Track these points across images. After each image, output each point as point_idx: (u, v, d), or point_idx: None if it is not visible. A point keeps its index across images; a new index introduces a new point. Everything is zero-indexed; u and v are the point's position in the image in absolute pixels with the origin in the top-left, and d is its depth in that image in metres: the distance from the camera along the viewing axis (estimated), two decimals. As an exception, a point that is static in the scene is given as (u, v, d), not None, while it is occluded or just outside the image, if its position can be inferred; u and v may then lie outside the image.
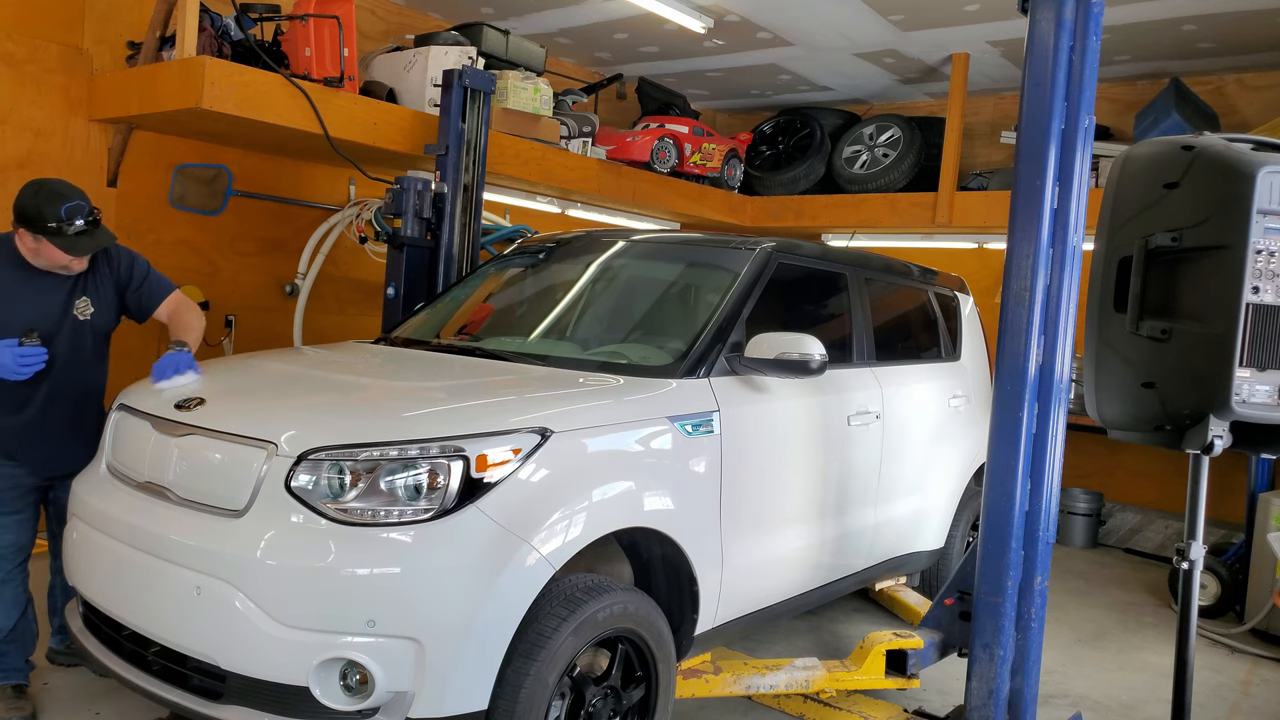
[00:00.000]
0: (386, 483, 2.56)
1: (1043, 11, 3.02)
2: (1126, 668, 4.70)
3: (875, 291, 4.40)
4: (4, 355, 3.04)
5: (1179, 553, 2.99)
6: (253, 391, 3.14)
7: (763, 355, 3.31)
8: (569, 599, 2.70)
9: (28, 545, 3.37)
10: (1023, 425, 3.05)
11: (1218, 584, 5.52)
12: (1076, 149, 3.01)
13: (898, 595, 4.83)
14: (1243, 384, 2.69)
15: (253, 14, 5.04)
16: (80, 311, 3.29)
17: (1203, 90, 7.08)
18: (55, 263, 3.17)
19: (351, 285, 6.53)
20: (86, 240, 3.13)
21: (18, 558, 3.32)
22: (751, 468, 3.39)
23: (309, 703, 2.47)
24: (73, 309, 3.27)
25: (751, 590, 3.48)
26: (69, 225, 3.07)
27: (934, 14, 6.23)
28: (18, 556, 3.32)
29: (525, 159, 6.15)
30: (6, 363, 3.05)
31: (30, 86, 5.01)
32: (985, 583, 3.15)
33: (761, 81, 8.17)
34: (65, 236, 3.09)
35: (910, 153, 7.75)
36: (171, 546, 2.63)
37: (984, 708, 3.16)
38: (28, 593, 3.40)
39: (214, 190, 5.14)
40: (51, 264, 3.18)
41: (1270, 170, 2.67)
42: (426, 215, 5.12)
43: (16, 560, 3.32)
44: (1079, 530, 7.22)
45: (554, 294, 4.17)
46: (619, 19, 6.70)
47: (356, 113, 5.24)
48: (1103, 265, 2.97)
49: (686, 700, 3.63)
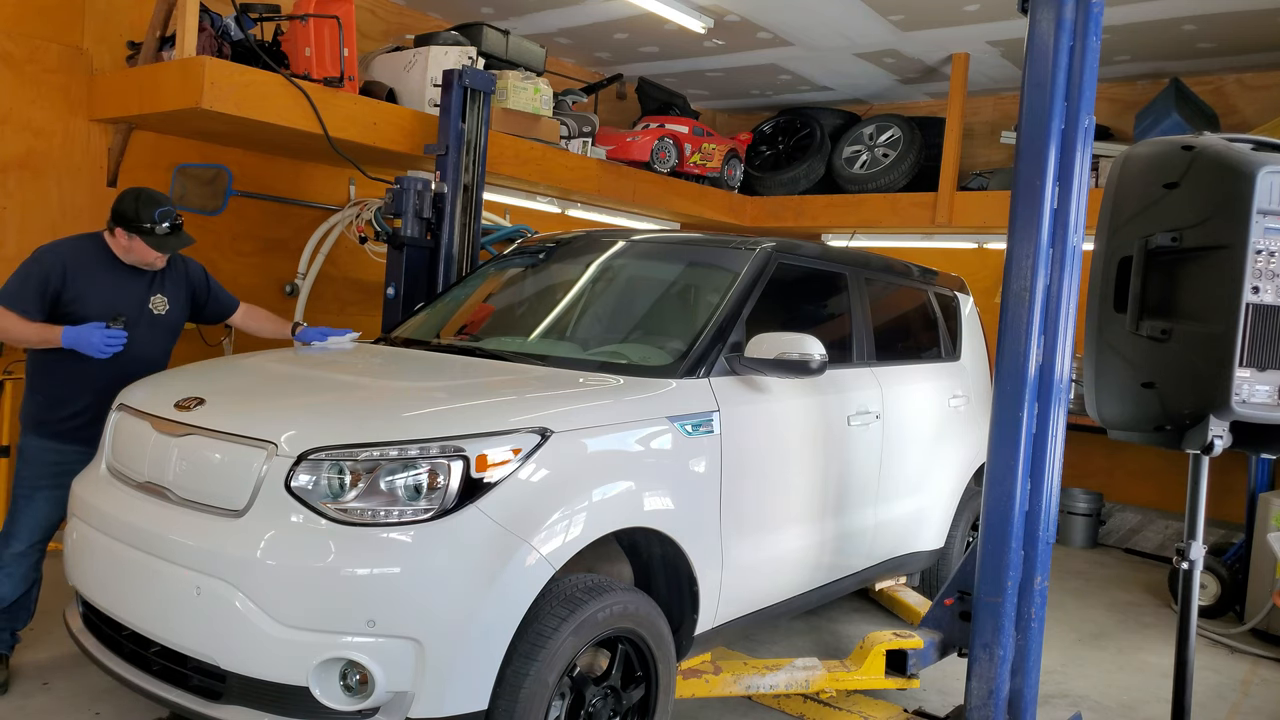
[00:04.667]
0: (386, 483, 2.56)
1: (1043, 11, 3.02)
2: (1126, 668, 4.70)
3: (875, 291, 4.40)
4: (93, 335, 3.41)
5: (1179, 553, 2.99)
6: (253, 391, 3.14)
7: (763, 355, 3.31)
8: (569, 599, 2.70)
9: (55, 524, 3.59)
10: (1023, 425, 3.05)
11: (1218, 584, 5.52)
12: (1076, 149, 3.01)
13: (898, 595, 4.83)
14: (1243, 384, 2.69)
15: (253, 14, 5.04)
16: (156, 307, 3.71)
17: (1203, 90, 7.08)
18: (143, 259, 3.60)
19: (351, 285, 6.53)
20: (173, 240, 3.60)
21: (45, 533, 3.57)
22: (751, 468, 3.39)
23: (309, 703, 2.47)
24: (149, 304, 3.69)
25: (751, 590, 3.48)
26: (159, 226, 3.54)
27: (934, 14, 6.23)
28: (46, 531, 3.57)
29: (525, 159, 6.15)
30: (95, 341, 3.41)
31: (30, 86, 5.01)
32: (985, 583, 3.15)
33: (761, 81, 8.17)
34: (155, 236, 3.54)
35: (910, 153, 7.75)
36: (171, 546, 2.63)
37: (984, 708, 3.16)
38: (39, 571, 3.63)
39: (214, 190, 5.13)
40: (140, 260, 3.60)
41: (1270, 170, 2.67)
42: (426, 215, 5.13)
43: (42, 534, 3.57)
44: (1079, 530, 7.22)
45: (554, 294, 4.16)
46: (619, 19, 6.70)
47: (356, 113, 5.24)
48: (1103, 265, 2.97)
49: (686, 700, 3.63)
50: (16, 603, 3.57)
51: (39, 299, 3.43)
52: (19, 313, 3.40)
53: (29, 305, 3.42)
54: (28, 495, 3.53)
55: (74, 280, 3.50)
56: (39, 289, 3.43)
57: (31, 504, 3.52)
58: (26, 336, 3.43)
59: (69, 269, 3.50)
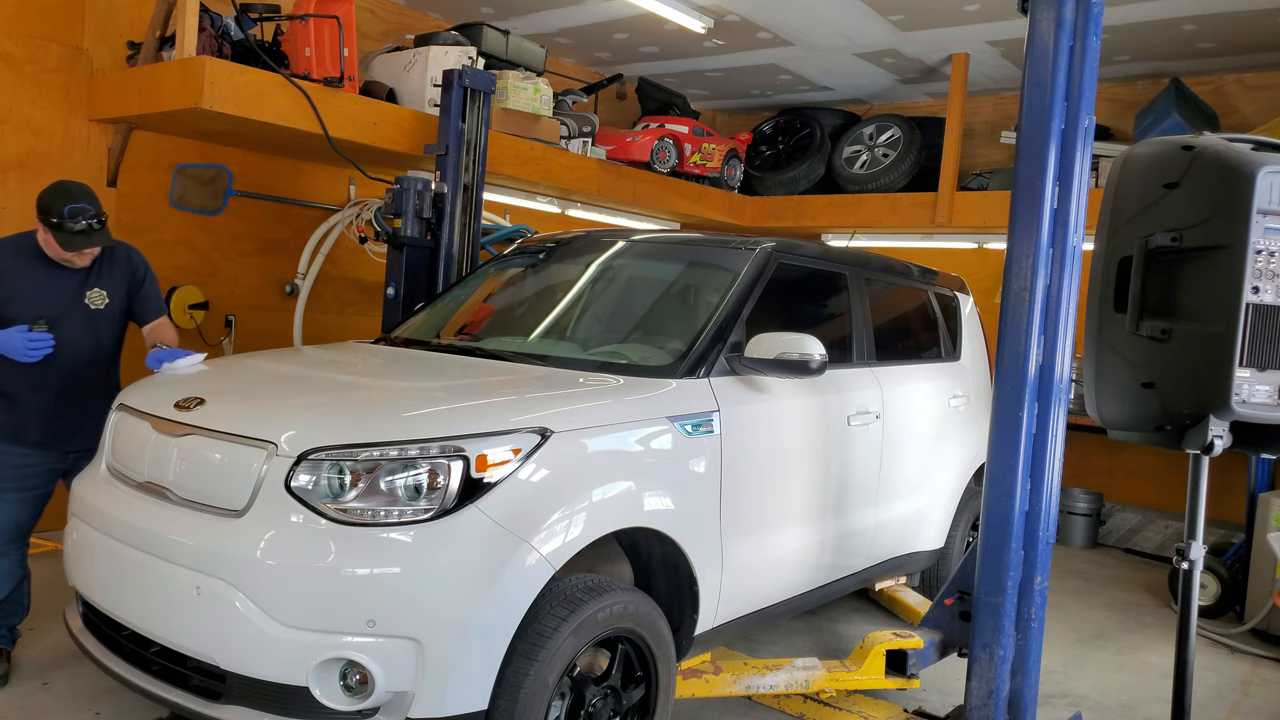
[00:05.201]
0: (386, 483, 2.56)
1: (1043, 11, 3.02)
2: (1126, 668, 4.70)
3: (875, 291, 4.40)
4: (15, 339, 3.34)
5: (1179, 553, 2.99)
6: (253, 391, 3.14)
7: (763, 355, 3.31)
8: (569, 599, 2.70)
9: (27, 523, 3.59)
10: (1023, 425, 3.05)
11: (1218, 584, 5.52)
12: (1076, 149, 3.01)
13: (898, 595, 4.83)
14: (1243, 384, 2.69)
15: (253, 14, 5.04)
16: (93, 302, 3.58)
17: (1203, 90, 7.08)
18: (58, 256, 3.46)
19: (351, 285, 6.54)
20: (81, 239, 3.41)
21: (16, 533, 3.55)
22: (751, 468, 3.39)
23: (309, 703, 2.47)
24: (84, 299, 3.56)
25: (751, 590, 3.48)
26: (71, 223, 3.37)
27: (934, 14, 6.23)
28: (16, 532, 3.55)
29: (525, 159, 6.15)
30: (17, 345, 3.34)
31: (30, 86, 5.01)
32: (985, 583, 3.15)
33: (761, 81, 8.17)
34: (64, 232, 3.38)
35: (910, 153, 7.75)
36: (171, 546, 2.63)
37: (984, 708, 3.16)
38: (24, 567, 3.63)
39: (214, 190, 5.14)
40: (57, 256, 3.47)
41: (1270, 170, 2.67)
42: (426, 215, 5.13)
43: (14, 535, 3.54)
44: (1079, 530, 7.22)
45: (554, 294, 4.16)
46: (619, 19, 6.70)
47: (356, 113, 5.24)
48: (1103, 265, 2.97)
49: (686, 700, 3.63)
50: (9, 599, 3.59)
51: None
52: None
53: None
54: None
55: (7, 280, 3.43)
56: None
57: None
58: None
59: (4, 269, 3.43)
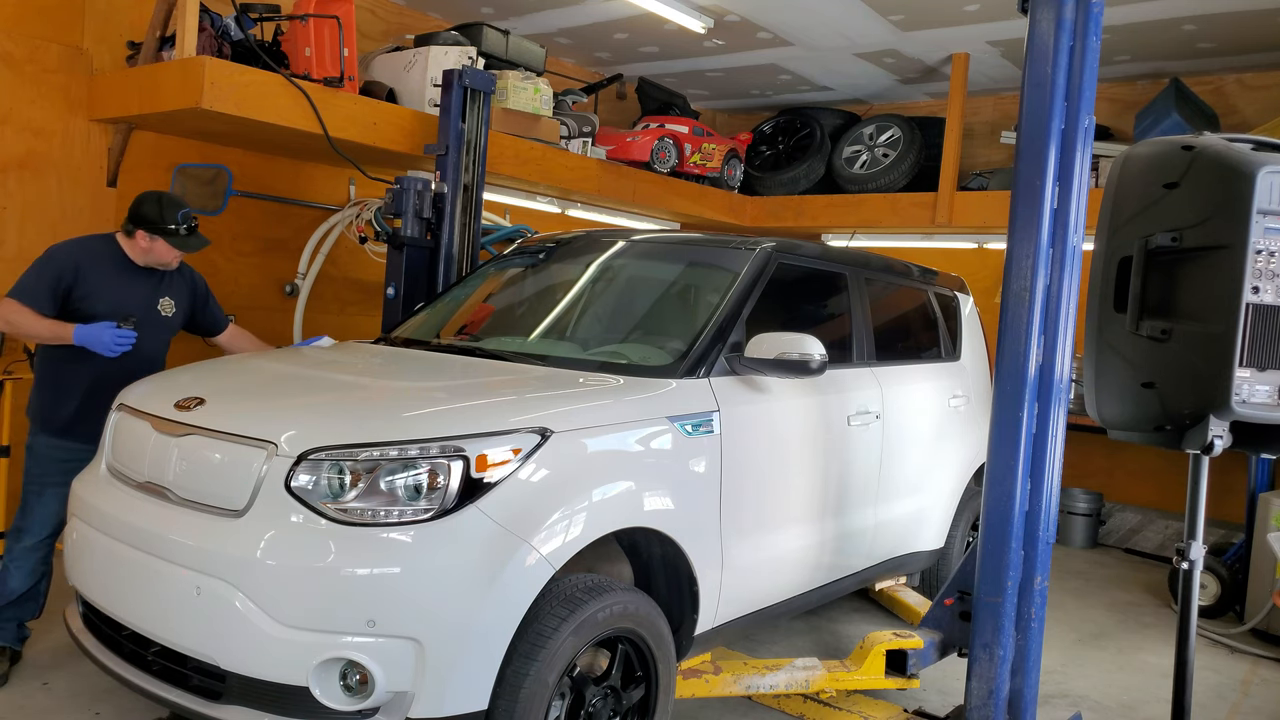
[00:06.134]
0: (386, 483, 2.56)
1: (1043, 11, 3.02)
2: (1126, 668, 4.70)
3: (875, 291, 4.40)
4: (104, 334, 3.53)
5: (1179, 553, 2.99)
6: (253, 391, 3.14)
7: (763, 355, 3.31)
8: (569, 599, 2.70)
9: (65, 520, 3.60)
10: (1023, 425, 3.05)
11: (1218, 584, 5.52)
12: (1076, 149, 3.01)
13: (898, 595, 4.83)
14: (1243, 384, 2.69)
15: (253, 14, 5.03)
16: (164, 309, 3.86)
17: (1203, 90, 7.08)
18: (162, 260, 3.76)
19: (351, 285, 6.53)
20: (193, 240, 3.77)
21: (53, 527, 3.65)
22: (751, 468, 3.39)
23: (309, 703, 2.47)
24: (158, 306, 3.83)
25: (751, 590, 3.48)
26: (182, 228, 3.72)
27: (934, 14, 6.23)
28: (53, 526, 3.64)
29: (525, 159, 6.15)
30: (105, 340, 3.53)
31: (30, 86, 5.01)
32: (985, 583, 3.15)
33: (761, 81, 8.17)
34: (178, 237, 3.72)
35: (910, 153, 7.74)
36: (171, 546, 2.63)
37: (984, 708, 3.16)
38: (48, 564, 3.71)
39: (214, 190, 5.13)
40: (158, 261, 3.75)
41: (1270, 170, 2.67)
42: (426, 215, 5.12)
43: (52, 529, 3.65)
44: (1079, 530, 7.22)
45: (554, 294, 4.16)
46: (619, 19, 6.70)
47: (356, 113, 5.24)
48: (1103, 265, 2.97)
49: (686, 700, 3.63)
50: (25, 595, 3.66)
51: (51, 295, 3.55)
52: (32, 308, 3.51)
53: (42, 301, 3.53)
54: (37, 492, 3.62)
55: (85, 278, 3.62)
56: (52, 285, 3.55)
57: (41, 500, 3.61)
58: (38, 331, 3.54)
59: (81, 267, 3.62)
